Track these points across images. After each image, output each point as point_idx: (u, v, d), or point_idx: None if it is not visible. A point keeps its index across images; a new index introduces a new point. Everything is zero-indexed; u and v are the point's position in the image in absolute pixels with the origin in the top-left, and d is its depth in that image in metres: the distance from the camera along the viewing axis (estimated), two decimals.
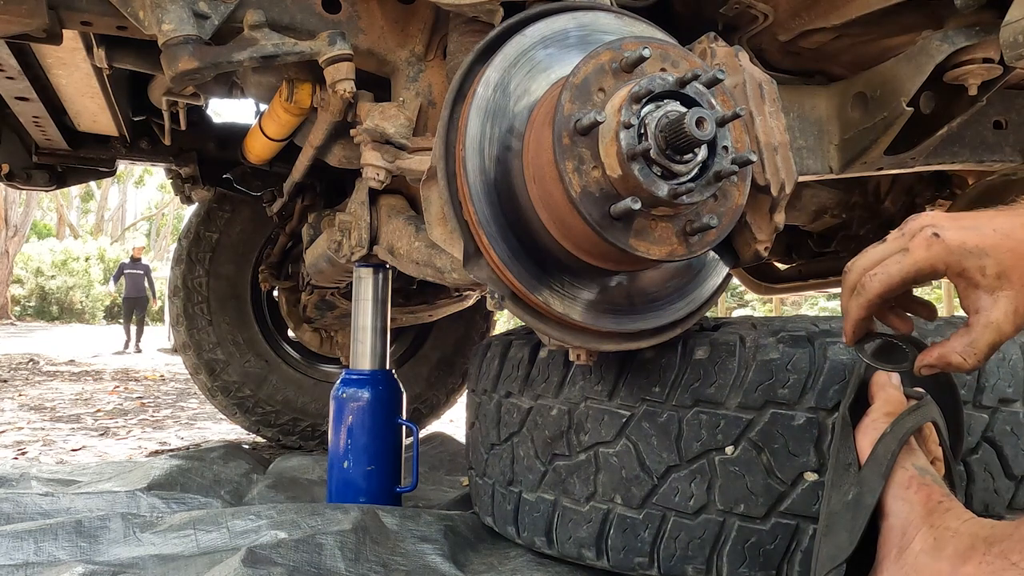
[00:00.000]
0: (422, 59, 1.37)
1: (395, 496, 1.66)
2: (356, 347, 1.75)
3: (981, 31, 1.23)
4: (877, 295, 0.78)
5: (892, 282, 0.76)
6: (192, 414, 3.89)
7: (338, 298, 2.41)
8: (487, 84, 0.90)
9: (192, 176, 2.43)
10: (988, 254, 0.71)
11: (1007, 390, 1.06)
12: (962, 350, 0.74)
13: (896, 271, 0.76)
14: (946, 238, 0.73)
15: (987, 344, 0.73)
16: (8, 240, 17.29)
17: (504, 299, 0.93)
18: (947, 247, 0.73)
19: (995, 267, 0.71)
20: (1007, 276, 0.71)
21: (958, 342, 0.75)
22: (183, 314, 2.68)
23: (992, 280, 0.72)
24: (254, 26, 1.20)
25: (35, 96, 1.85)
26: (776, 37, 1.43)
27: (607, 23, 0.97)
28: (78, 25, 1.30)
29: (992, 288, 0.72)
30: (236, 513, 1.38)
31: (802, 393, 1.03)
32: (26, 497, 1.56)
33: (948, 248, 0.73)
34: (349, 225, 1.57)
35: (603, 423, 1.15)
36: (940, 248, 0.73)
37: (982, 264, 0.72)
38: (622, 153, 0.78)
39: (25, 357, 7.56)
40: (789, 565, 1.01)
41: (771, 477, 1.03)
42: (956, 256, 0.72)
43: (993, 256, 0.71)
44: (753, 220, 0.98)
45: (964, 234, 0.73)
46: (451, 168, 0.92)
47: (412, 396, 2.79)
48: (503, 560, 1.30)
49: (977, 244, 0.72)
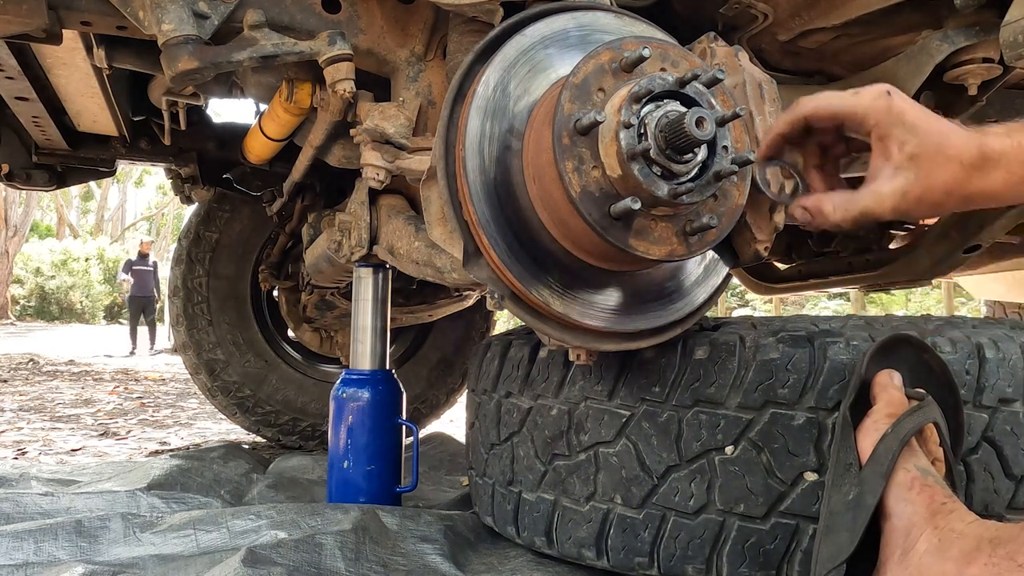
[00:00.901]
0: (422, 59, 1.37)
1: (395, 496, 1.66)
2: (356, 347, 1.75)
3: (981, 31, 1.23)
4: (805, 115, 0.78)
5: (826, 107, 0.77)
6: (192, 414, 3.89)
7: (338, 298, 2.41)
8: (487, 84, 0.90)
9: (192, 176, 2.43)
10: (916, 135, 0.72)
11: (1007, 390, 1.06)
12: (837, 203, 0.76)
13: (836, 101, 0.77)
14: (894, 101, 0.74)
15: (861, 208, 0.75)
16: (8, 240, 17.30)
17: (504, 299, 0.93)
18: (889, 107, 0.74)
19: (914, 148, 0.72)
20: (918, 161, 0.72)
21: (839, 196, 0.77)
22: (183, 314, 2.68)
23: (903, 158, 0.73)
24: (254, 26, 1.20)
25: (35, 96, 1.85)
26: (776, 37, 1.43)
27: (607, 23, 0.97)
28: (78, 25, 1.30)
29: (899, 165, 0.73)
30: (236, 513, 1.38)
31: (802, 393, 1.03)
32: (26, 497, 1.56)
33: (889, 108, 0.74)
34: (349, 225, 1.57)
35: (603, 423, 1.15)
36: (883, 104, 0.74)
37: (905, 139, 0.73)
38: (622, 153, 0.78)
39: (25, 357, 7.56)
40: (789, 565, 1.01)
41: (771, 477, 1.03)
42: (890, 119, 0.73)
43: (919, 138, 0.72)
44: (753, 220, 0.98)
45: (910, 109, 0.74)
46: (451, 168, 0.92)
47: (412, 396, 2.79)
48: (503, 560, 1.30)
49: (913, 122, 0.73)
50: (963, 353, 1.05)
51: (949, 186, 0.72)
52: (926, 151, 0.72)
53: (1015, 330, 1.13)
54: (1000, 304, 4.12)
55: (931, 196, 0.72)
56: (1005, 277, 3.18)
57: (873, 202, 0.74)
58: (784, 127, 0.81)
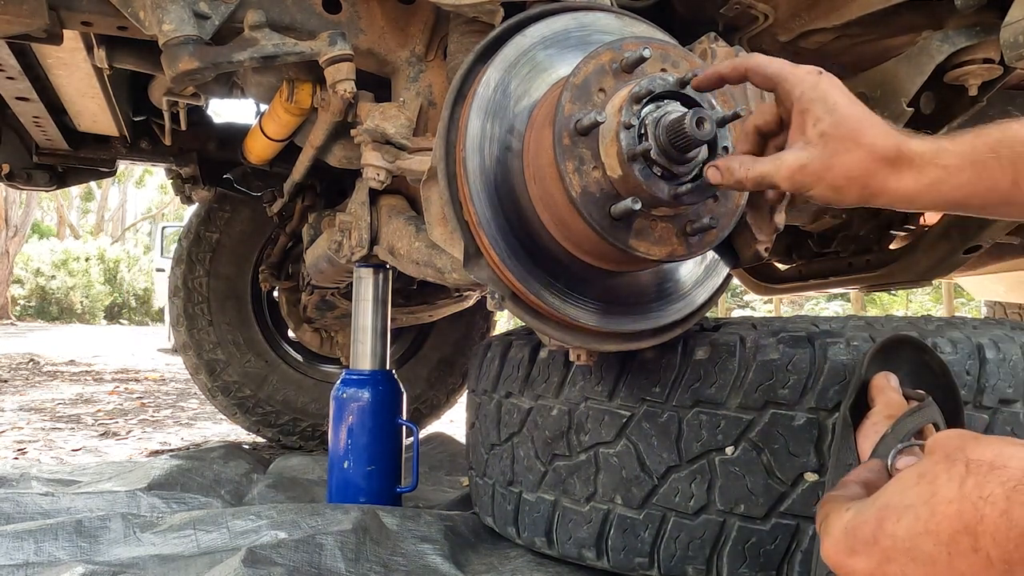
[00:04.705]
0: (422, 59, 1.37)
1: (395, 496, 1.66)
2: (356, 347, 1.75)
3: (981, 31, 1.22)
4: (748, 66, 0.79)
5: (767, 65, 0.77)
6: (192, 414, 3.89)
7: (338, 298, 2.41)
8: (487, 84, 0.90)
9: (192, 176, 2.43)
10: (833, 115, 0.72)
11: (1007, 390, 1.06)
12: (743, 162, 0.77)
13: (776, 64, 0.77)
14: (823, 79, 0.75)
15: (760, 173, 0.75)
16: (8, 240, 17.29)
17: (504, 299, 0.93)
18: (817, 83, 0.74)
19: (826, 127, 0.72)
20: (826, 140, 0.72)
21: (747, 157, 0.78)
22: (183, 314, 2.68)
23: (815, 134, 0.73)
24: (254, 26, 1.20)
25: (35, 96, 1.85)
26: (776, 37, 1.43)
27: (607, 23, 0.97)
28: (78, 25, 1.30)
29: (809, 140, 0.73)
30: (236, 513, 1.39)
31: (802, 393, 1.03)
32: (26, 497, 1.56)
33: (816, 84, 0.74)
34: (349, 225, 1.57)
35: (603, 423, 1.15)
36: (812, 80, 0.75)
37: (821, 116, 0.73)
38: (622, 153, 0.78)
39: (25, 357, 7.56)
40: (789, 565, 1.01)
41: (771, 477, 1.03)
42: (814, 94, 0.74)
43: (834, 119, 0.72)
44: (753, 220, 0.98)
45: (836, 90, 0.74)
46: (451, 168, 0.92)
47: (412, 396, 2.79)
48: (503, 560, 1.30)
49: (834, 103, 0.73)
50: (964, 354, 1.05)
51: (852, 173, 0.72)
52: (837, 132, 0.72)
53: (1015, 331, 1.13)
54: (1000, 305, 4.13)
55: (830, 177, 0.72)
56: (1005, 278, 3.19)
57: (772, 168, 0.75)
58: (726, 69, 0.81)
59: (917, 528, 0.48)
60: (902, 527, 0.49)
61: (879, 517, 0.52)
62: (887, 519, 0.51)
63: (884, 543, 0.51)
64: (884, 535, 0.51)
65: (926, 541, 0.47)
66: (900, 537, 0.49)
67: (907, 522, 0.49)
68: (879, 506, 0.52)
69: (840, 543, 0.55)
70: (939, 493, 0.47)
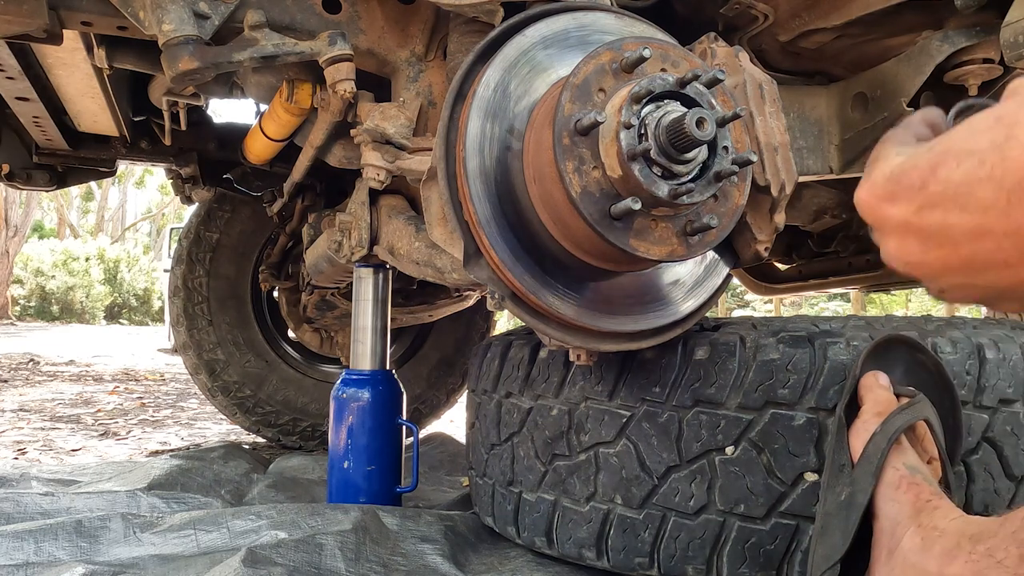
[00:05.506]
0: (422, 59, 1.37)
1: (395, 496, 1.66)
2: (356, 347, 1.75)
3: (981, 31, 1.23)
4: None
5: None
6: (192, 414, 3.89)
7: (338, 298, 2.41)
8: (487, 84, 0.90)
9: (192, 176, 2.43)
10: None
11: (1007, 390, 1.06)
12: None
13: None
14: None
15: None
16: (8, 240, 17.29)
17: (504, 299, 0.93)
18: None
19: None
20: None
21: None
22: (183, 314, 2.68)
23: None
24: (254, 26, 1.20)
25: (35, 96, 1.85)
26: (776, 37, 1.43)
27: (607, 23, 0.97)
28: (78, 25, 1.30)
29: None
30: (236, 513, 1.39)
31: (802, 393, 1.03)
32: (26, 497, 1.56)
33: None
34: (349, 225, 1.57)
35: (603, 423, 1.15)
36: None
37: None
38: (622, 153, 0.78)
39: (25, 357, 7.56)
40: (789, 565, 1.01)
41: (771, 477, 1.03)
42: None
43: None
44: (753, 220, 0.98)
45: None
46: (451, 168, 0.92)
47: (412, 396, 2.79)
48: (503, 560, 1.30)
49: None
50: (963, 353, 1.05)
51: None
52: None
53: (1015, 331, 1.13)
54: None
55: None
56: None
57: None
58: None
59: (979, 174, 0.42)
60: (959, 172, 0.43)
61: (934, 163, 0.45)
62: (943, 164, 0.44)
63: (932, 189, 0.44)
64: (936, 180, 0.44)
65: (985, 187, 0.41)
66: (954, 182, 0.43)
67: (967, 167, 0.42)
68: (938, 151, 0.45)
69: (878, 187, 0.48)
70: (1016, 137, 0.40)
